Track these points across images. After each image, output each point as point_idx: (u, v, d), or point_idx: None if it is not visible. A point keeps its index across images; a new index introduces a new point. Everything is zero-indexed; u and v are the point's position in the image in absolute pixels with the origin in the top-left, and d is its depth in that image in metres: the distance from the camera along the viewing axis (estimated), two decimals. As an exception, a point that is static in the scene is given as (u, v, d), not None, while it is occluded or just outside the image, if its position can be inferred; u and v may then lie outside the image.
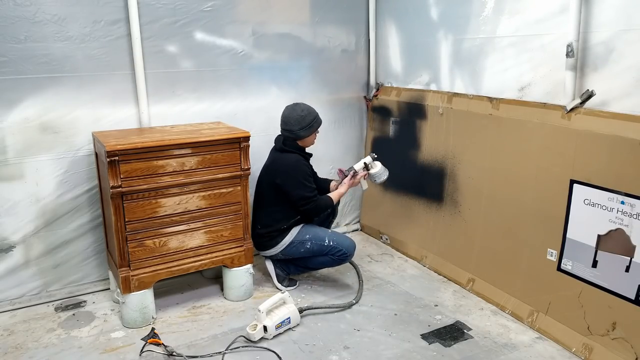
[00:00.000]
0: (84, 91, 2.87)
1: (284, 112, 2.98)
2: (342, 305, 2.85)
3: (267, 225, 2.97)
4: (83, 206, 2.97)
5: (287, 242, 2.97)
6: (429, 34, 3.33)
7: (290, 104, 3.01)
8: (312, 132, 2.98)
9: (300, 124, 2.92)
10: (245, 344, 2.52)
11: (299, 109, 2.95)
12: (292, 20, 3.46)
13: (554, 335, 2.51)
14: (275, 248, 3.00)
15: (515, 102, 2.77)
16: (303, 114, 2.93)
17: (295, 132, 2.93)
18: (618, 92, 2.31)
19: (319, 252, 2.97)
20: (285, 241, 2.97)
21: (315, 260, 3.01)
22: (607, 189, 2.30)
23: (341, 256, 2.97)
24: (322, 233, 3.00)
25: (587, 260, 2.40)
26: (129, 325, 2.68)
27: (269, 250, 3.02)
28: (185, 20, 3.06)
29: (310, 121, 2.94)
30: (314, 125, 2.97)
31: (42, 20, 2.70)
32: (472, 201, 3.05)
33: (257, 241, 3.03)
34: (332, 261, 2.99)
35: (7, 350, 2.50)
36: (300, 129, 2.92)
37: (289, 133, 2.95)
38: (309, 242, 2.96)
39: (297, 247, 2.98)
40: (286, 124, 2.95)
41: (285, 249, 2.98)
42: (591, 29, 2.38)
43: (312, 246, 2.96)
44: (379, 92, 3.82)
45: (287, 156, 2.95)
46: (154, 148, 2.58)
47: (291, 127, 2.93)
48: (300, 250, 2.98)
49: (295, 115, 2.93)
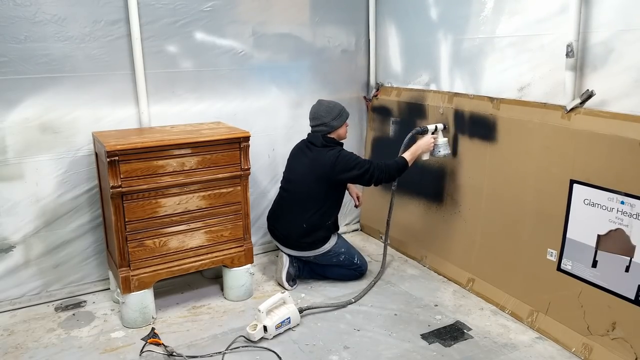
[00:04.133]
0: (84, 91, 2.88)
1: (311, 110, 3.04)
2: (341, 303, 2.86)
3: (315, 224, 2.98)
4: (83, 206, 2.97)
5: (326, 249, 3.04)
6: (429, 34, 3.33)
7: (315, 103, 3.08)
8: (343, 122, 3.02)
9: (330, 114, 2.97)
10: (245, 344, 2.52)
11: (325, 102, 3.04)
12: (292, 20, 3.46)
13: (554, 335, 2.51)
14: (312, 252, 3.04)
15: (515, 102, 2.77)
16: (330, 105, 3.01)
17: (328, 124, 2.97)
18: (618, 92, 2.31)
19: (347, 266, 3.12)
20: (324, 248, 3.04)
21: (336, 271, 3.14)
22: (607, 189, 2.30)
23: (361, 273, 3.18)
24: (352, 250, 3.19)
25: (587, 260, 2.40)
26: (129, 325, 2.68)
27: (306, 252, 3.04)
28: (185, 20, 3.07)
29: (339, 110, 3.01)
30: (342, 115, 3.02)
31: (42, 20, 2.70)
32: (472, 201, 3.05)
33: (296, 240, 3.02)
34: (351, 276, 3.16)
35: (7, 350, 2.50)
36: (332, 119, 2.97)
37: (322, 126, 2.98)
38: (342, 255, 3.10)
39: (331, 257, 3.07)
40: (317, 118, 3.00)
41: (320, 255, 3.05)
42: (591, 29, 2.38)
43: (344, 260, 3.10)
44: (379, 92, 3.82)
45: (330, 150, 2.96)
46: (154, 148, 2.58)
47: (323, 120, 2.97)
48: (332, 260, 3.08)
49: (323, 107, 3.00)
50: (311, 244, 3.02)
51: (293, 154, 3.16)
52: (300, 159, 3.08)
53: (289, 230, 3.04)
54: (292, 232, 3.03)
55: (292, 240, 3.04)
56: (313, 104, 3.07)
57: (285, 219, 3.06)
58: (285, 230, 3.06)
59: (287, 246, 3.07)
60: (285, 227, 3.06)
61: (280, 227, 3.09)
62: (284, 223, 3.07)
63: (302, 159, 3.06)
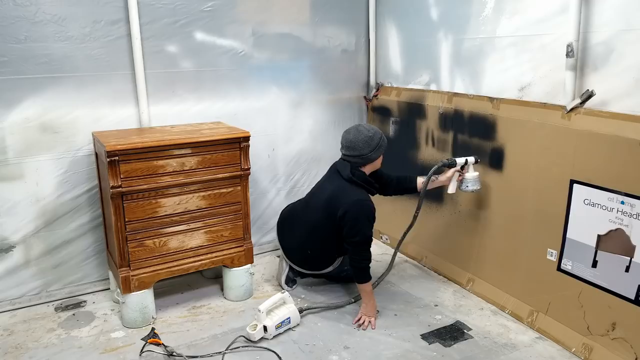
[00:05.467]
0: (84, 91, 2.87)
1: (347, 137, 2.73)
2: (341, 303, 2.86)
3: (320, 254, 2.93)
4: (83, 206, 2.97)
5: (328, 270, 3.00)
6: (429, 34, 3.33)
7: (350, 127, 2.79)
8: (381, 154, 2.77)
9: (369, 146, 2.69)
10: (245, 344, 2.52)
11: (365, 130, 2.71)
12: (292, 20, 3.46)
13: (554, 335, 2.51)
14: (315, 272, 3.03)
15: (516, 102, 2.77)
16: (370, 134, 2.69)
17: (366, 156, 2.70)
18: (618, 92, 2.31)
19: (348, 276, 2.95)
20: (327, 270, 3.00)
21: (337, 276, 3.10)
22: (607, 189, 2.29)
23: None
24: None
25: (587, 260, 2.40)
26: (129, 325, 2.68)
27: (307, 270, 3.03)
28: (185, 20, 3.06)
29: (378, 140, 2.72)
30: (382, 145, 2.74)
31: (42, 20, 2.70)
32: (472, 201, 3.05)
33: (297, 259, 2.99)
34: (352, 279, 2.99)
35: (7, 350, 2.50)
36: (370, 152, 2.69)
37: (358, 158, 2.71)
38: (345, 272, 3.00)
39: (335, 272, 3.03)
40: (353, 149, 2.70)
41: (322, 273, 3.04)
42: (591, 29, 2.38)
43: (346, 275, 3.02)
44: (379, 92, 3.82)
45: (353, 192, 2.69)
46: (154, 148, 2.58)
47: (361, 152, 2.69)
48: (334, 274, 3.05)
49: (362, 137, 2.69)
50: (313, 266, 3.01)
51: (326, 175, 2.94)
52: (325, 185, 2.86)
53: (294, 247, 3.00)
54: (296, 250, 2.99)
55: (295, 257, 3.01)
56: (348, 128, 2.78)
57: (293, 235, 2.99)
58: (290, 246, 3.01)
59: (290, 259, 3.03)
60: (291, 242, 3.00)
61: (287, 239, 3.03)
62: (291, 238, 3.00)
63: (326, 186, 2.84)
